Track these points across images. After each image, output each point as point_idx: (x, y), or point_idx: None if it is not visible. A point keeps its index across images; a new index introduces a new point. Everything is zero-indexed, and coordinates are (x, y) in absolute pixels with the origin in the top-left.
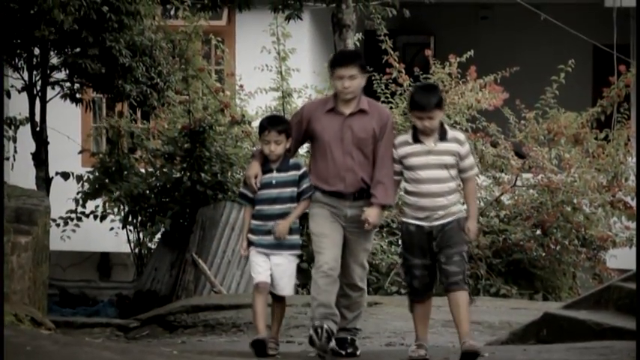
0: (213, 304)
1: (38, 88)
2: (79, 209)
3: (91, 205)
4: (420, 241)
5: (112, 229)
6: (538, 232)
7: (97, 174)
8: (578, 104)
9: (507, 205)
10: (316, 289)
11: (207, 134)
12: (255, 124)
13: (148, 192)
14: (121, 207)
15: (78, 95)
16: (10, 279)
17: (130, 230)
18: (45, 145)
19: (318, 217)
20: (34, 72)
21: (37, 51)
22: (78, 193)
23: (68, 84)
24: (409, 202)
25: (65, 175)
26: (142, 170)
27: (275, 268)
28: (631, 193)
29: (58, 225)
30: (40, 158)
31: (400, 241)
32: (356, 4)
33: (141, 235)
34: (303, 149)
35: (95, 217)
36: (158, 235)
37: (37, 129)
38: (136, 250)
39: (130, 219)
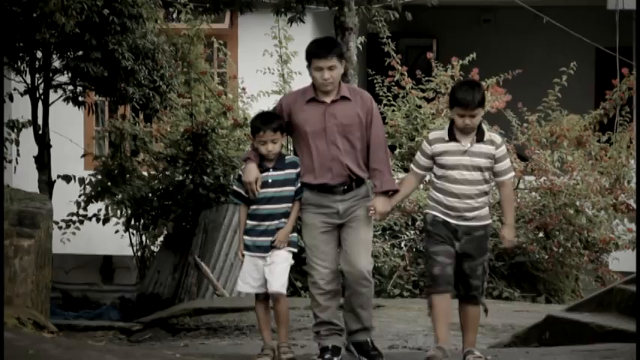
0: (216, 307)
1: (41, 91)
2: (81, 212)
3: (93, 208)
4: (445, 231)
5: (117, 231)
6: (541, 234)
7: (99, 177)
8: (581, 107)
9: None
10: (317, 306)
11: (210, 137)
12: None
13: (150, 195)
14: (124, 210)
15: (80, 98)
16: (13, 282)
17: (133, 233)
18: (47, 148)
19: (310, 228)
20: (37, 75)
21: (39, 54)
22: (80, 196)
23: (71, 87)
24: (438, 200)
25: (67, 178)
26: (145, 173)
27: (266, 268)
28: (633, 196)
29: (60, 228)
30: (43, 161)
31: (424, 232)
32: (358, 7)
33: (143, 238)
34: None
35: (98, 220)
36: (161, 238)
37: (40, 132)
38: (139, 253)
39: (132, 222)
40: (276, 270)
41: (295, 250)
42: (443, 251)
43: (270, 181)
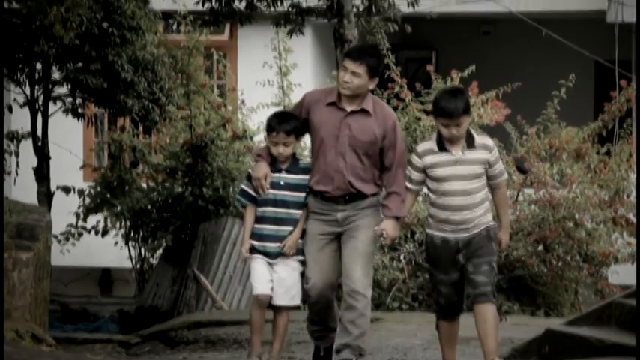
0: (215, 320)
1: (40, 102)
2: (80, 224)
3: (92, 220)
4: (445, 255)
5: (116, 243)
6: (540, 247)
7: (98, 189)
8: (580, 119)
9: (509, 220)
10: (310, 312)
11: (209, 149)
12: (257, 139)
13: (149, 207)
14: (123, 222)
15: (80, 110)
16: (12, 295)
17: (132, 245)
18: (47, 159)
19: (310, 238)
20: (36, 86)
21: (39, 66)
22: (79, 208)
23: (70, 99)
24: (433, 214)
25: (66, 190)
26: (144, 185)
27: (274, 276)
28: (633, 210)
29: (59, 241)
30: (42, 173)
31: (425, 255)
32: (358, 19)
33: (142, 250)
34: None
35: (97, 233)
36: (160, 251)
37: (39, 144)
38: (138, 266)
39: (131, 234)
40: (284, 284)
41: (302, 257)
42: (447, 281)
43: (282, 183)
